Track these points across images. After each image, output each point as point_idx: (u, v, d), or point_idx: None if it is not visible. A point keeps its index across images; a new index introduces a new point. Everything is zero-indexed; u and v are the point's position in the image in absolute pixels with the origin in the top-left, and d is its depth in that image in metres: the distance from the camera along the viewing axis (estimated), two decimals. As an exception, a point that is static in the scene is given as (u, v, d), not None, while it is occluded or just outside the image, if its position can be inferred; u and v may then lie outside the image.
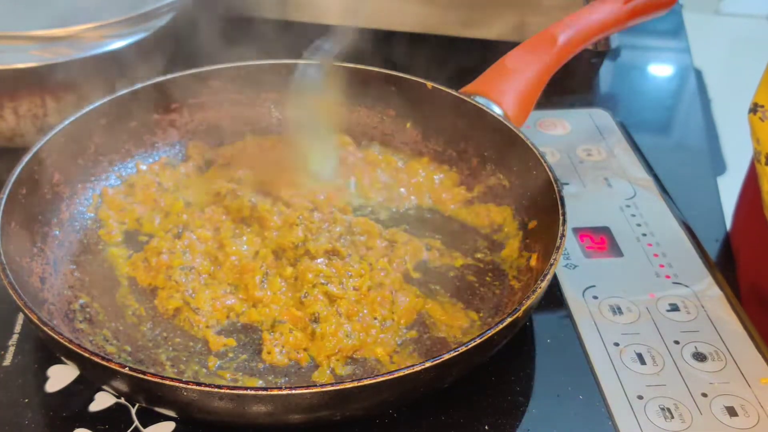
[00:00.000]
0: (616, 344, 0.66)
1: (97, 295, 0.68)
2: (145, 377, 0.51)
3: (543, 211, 0.69)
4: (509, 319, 0.55)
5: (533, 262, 0.68)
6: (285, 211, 0.73)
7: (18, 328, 0.66)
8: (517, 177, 0.75)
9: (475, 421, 0.60)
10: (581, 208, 0.79)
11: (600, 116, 0.95)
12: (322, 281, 0.66)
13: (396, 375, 0.51)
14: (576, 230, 0.77)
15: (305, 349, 0.63)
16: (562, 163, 0.87)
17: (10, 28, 0.80)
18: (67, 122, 0.73)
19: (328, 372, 0.61)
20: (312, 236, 0.70)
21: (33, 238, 0.68)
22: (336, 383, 0.51)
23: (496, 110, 0.77)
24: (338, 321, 0.64)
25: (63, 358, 0.58)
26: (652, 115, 1.02)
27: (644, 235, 0.77)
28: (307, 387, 0.51)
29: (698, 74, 1.14)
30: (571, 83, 1.00)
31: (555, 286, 0.71)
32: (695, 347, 0.65)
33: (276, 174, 0.78)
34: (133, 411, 0.60)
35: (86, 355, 0.52)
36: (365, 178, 0.80)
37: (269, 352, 0.62)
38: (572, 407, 0.61)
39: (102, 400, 0.60)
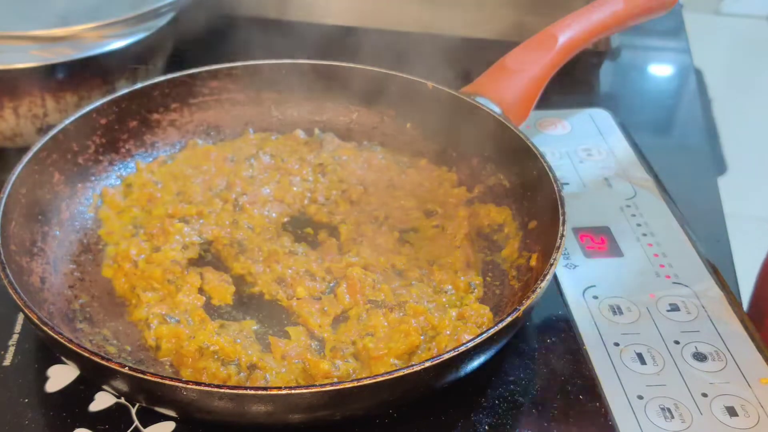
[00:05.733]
0: (616, 344, 0.66)
1: (97, 295, 0.68)
2: (145, 377, 0.51)
3: (543, 211, 0.69)
4: (509, 319, 0.55)
5: (533, 262, 0.68)
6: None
7: (18, 328, 0.66)
8: (517, 177, 0.75)
9: (475, 421, 0.60)
10: (581, 208, 0.79)
11: (600, 116, 0.95)
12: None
13: (396, 375, 0.51)
14: (576, 230, 0.77)
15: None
16: (562, 163, 0.87)
17: (10, 28, 0.80)
18: (67, 122, 0.73)
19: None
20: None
21: (33, 238, 0.68)
22: (336, 383, 0.51)
23: (496, 110, 0.77)
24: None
25: (63, 358, 0.58)
26: (652, 115, 1.02)
27: (644, 235, 0.77)
28: (307, 387, 0.51)
29: (698, 74, 1.14)
30: (571, 83, 1.00)
31: (555, 286, 0.71)
32: (695, 347, 0.65)
33: None
34: (133, 411, 0.60)
35: (86, 355, 0.52)
36: (367, 181, 0.80)
37: None
38: (572, 407, 0.61)
39: (102, 400, 0.60)
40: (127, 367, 0.51)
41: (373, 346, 0.61)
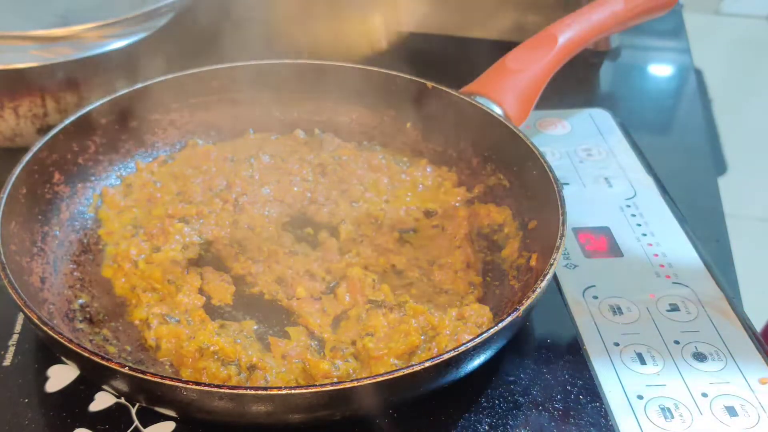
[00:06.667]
0: (616, 344, 0.66)
1: (97, 295, 0.68)
2: (145, 377, 0.51)
3: (543, 211, 0.69)
4: (509, 319, 0.55)
5: (533, 262, 0.68)
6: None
7: (18, 328, 0.66)
8: (517, 177, 0.75)
9: (475, 421, 0.60)
10: (581, 208, 0.79)
11: (600, 116, 0.95)
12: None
13: (396, 375, 0.51)
14: (576, 230, 0.77)
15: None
16: (562, 163, 0.87)
17: (10, 28, 0.80)
18: (67, 122, 0.73)
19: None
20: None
21: (33, 238, 0.68)
22: (336, 383, 0.51)
23: (496, 110, 0.77)
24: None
25: (63, 358, 0.58)
26: (652, 115, 1.02)
27: (644, 235, 0.77)
28: (307, 387, 0.51)
29: (698, 74, 1.14)
30: (571, 83, 1.00)
31: (555, 286, 0.71)
32: (695, 347, 0.65)
33: None
34: (133, 411, 0.60)
35: (86, 355, 0.52)
36: (367, 181, 0.80)
37: None
38: (572, 408, 0.61)
39: (102, 400, 0.60)
40: (127, 367, 0.51)
41: (373, 346, 0.61)
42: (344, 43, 0.88)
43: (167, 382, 0.51)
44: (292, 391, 0.50)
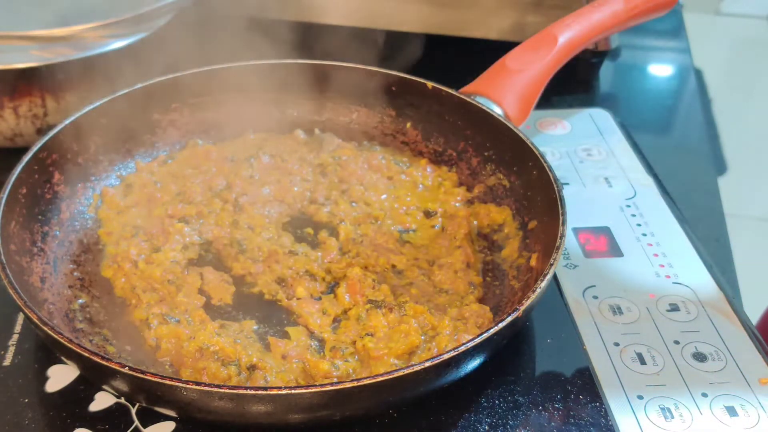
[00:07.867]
0: (616, 344, 0.66)
1: (97, 295, 0.68)
2: (145, 377, 0.51)
3: (543, 211, 0.69)
4: (509, 319, 0.55)
5: (533, 262, 0.68)
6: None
7: (18, 328, 0.66)
8: (517, 177, 0.75)
9: (475, 421, 0.60)
10: (581, 208, 0.79)
11: (600, 116, 0.95)
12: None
13: (396, 375, 0.51)
14: (576, 230, 0.77)
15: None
16: (562, 163, 0.87)
17: (10, 28, 0.80)
18: (67, 122, 0.73)
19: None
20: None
21: (33, 238, 0.68)
22: (336, 383, 0.51)
23: (496, 110, 0.77)
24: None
25: (63, 358, 0.58)
26: (652, 115, 1.02)
27: (644, 235, 0.77)
28: (307, 387, 0.51)
29: (698, 74, 1.14)
30: (571, 83, 1.00)
31: (555, 286, 0.71)
32: (695, 347, 0.65)
33: None
34: (133, 411, 0.60)
35: (86, 355, 0.52)
36: (367, 181, 0.80)
37: None
38: (572, 407, 0.61)
39: (102, 400, 0.60)
40: (127, 367, 0.51)
41: (373, 346, 0.61)
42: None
43: (167, 382, 0.51)
44: (292, 391, 0.50)
